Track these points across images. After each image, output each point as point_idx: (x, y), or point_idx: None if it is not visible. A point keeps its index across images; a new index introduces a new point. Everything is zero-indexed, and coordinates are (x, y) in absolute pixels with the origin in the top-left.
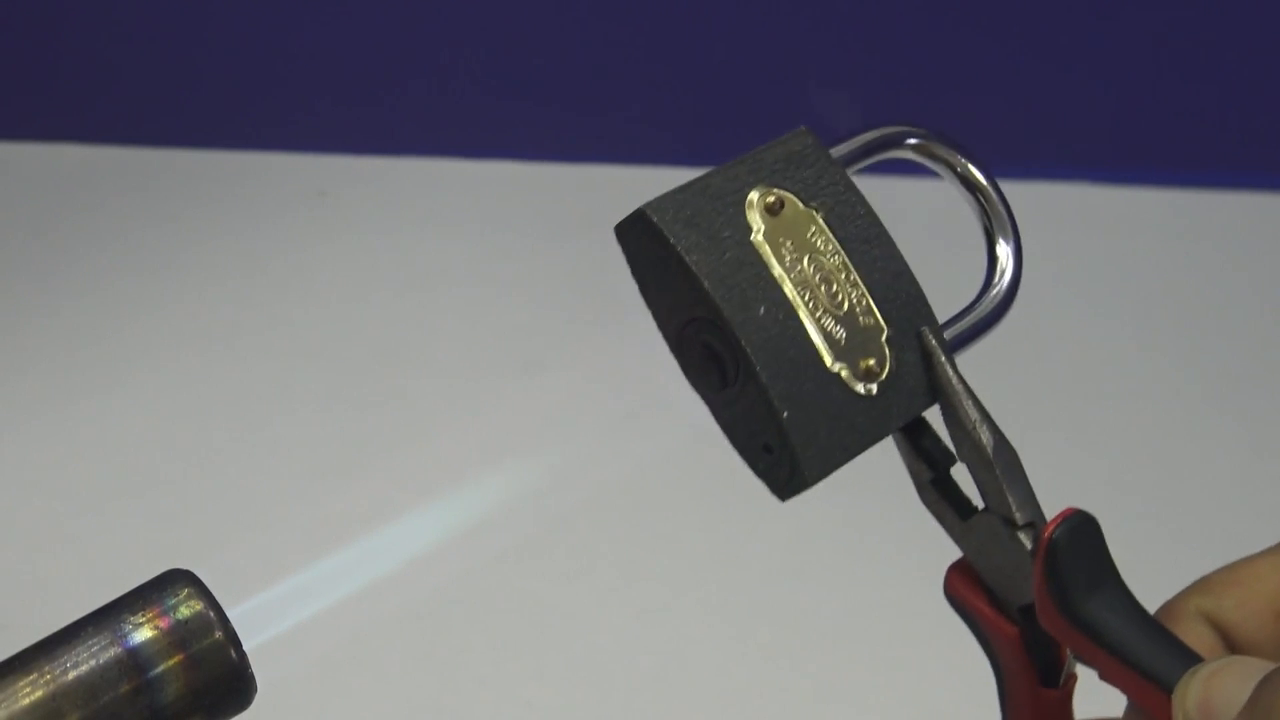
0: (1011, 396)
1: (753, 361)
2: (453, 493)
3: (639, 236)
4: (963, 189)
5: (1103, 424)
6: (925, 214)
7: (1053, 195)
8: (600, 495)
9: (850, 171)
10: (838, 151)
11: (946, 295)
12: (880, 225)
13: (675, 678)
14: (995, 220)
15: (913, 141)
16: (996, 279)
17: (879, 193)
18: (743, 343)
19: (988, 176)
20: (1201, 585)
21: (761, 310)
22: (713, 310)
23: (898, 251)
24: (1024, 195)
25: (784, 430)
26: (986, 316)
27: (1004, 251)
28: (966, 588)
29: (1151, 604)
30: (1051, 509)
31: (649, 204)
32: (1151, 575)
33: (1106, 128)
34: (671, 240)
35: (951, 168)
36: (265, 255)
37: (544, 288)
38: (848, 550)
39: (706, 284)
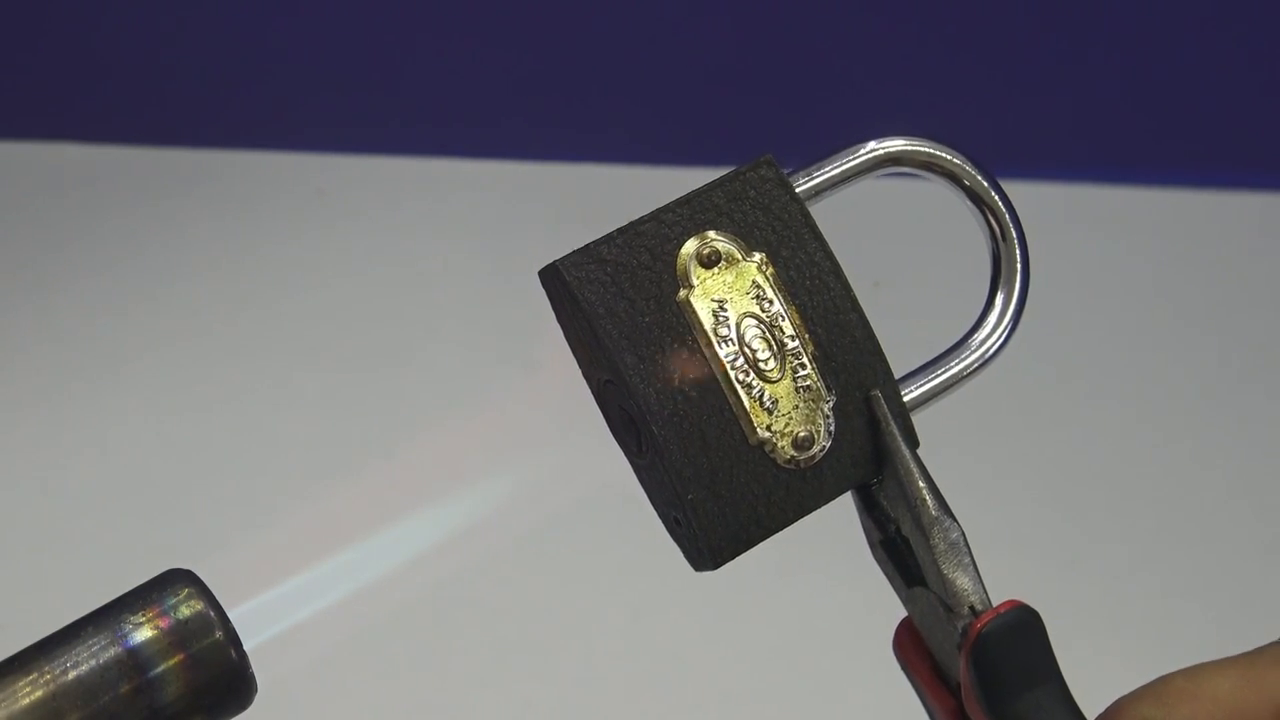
0: (1007, 397)
1: (658, 439)
2: (452, 492)
3: (557, 289)
4: (971, 205)
5: (1100, 424)
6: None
7: (1053, 195)
8: (599, 495)
9: (820, 202)
10: (806, 181)
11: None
12: (835, 273)
13: (674, 677)
14: (1006, 258)
15: (895, 149)
16: (980, 332)
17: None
18: (649, 419)
19: (1006, 205)
20: (1156, 691)
21: (676, 381)
22: (620, 381)
23: (853, 302)
24: (1024, 195)
25: (689, 511)
26: (959, 372)
27: (1001, 300)
28: (912, 649)
29: (1136, 620)
30: (1047, 507)
31: (566, 258)
32: (1148, 573)
33: (1106, 128)
34: (583, 303)
35: (958, 180)
36: (263, 254)
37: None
38: (847, 550)
39: (615, 353)
